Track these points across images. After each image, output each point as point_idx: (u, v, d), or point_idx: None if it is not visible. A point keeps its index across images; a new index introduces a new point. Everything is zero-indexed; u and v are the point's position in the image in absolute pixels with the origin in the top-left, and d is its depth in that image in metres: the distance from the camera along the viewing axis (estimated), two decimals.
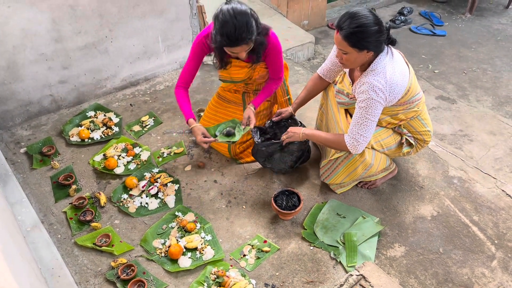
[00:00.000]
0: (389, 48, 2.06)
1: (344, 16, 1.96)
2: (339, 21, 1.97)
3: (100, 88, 3.19)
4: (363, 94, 2.02)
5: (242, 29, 2.08)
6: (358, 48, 1.96)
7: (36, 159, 2.69)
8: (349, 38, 1.94)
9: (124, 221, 2.35)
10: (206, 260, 2.14)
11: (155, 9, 3.08)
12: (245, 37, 2.10)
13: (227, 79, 2.54)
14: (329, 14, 4.43)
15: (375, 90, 1.99)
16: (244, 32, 2.09)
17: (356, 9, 1.96)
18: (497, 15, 4.43)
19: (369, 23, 1.92)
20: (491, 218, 2.35)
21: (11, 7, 2.56)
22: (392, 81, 2.01)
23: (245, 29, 2.09)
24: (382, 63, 2.01)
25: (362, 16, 1.93)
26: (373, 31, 1.93)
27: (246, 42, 2.14)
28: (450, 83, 3.47)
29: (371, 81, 1.99)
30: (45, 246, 2.11)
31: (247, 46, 2.18)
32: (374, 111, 2.04)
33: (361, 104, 2.05)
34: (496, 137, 2.91)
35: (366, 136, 2.09)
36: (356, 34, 1.93)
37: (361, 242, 2.21)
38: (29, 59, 2.78)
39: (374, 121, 2.07)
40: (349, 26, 1.93)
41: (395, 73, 2.02)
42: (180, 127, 2.95)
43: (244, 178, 2.59)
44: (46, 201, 2.45)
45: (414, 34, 4.17)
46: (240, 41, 2.12)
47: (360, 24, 1.92)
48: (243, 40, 2.11)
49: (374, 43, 1.96)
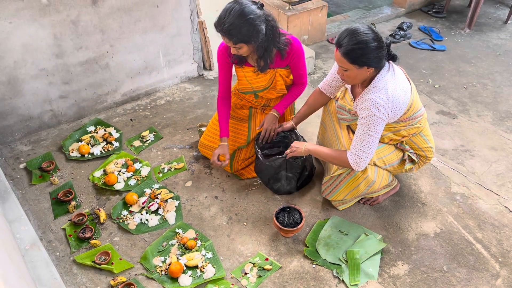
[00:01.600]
0: (390, 64, 2.06)
1: (343, 33, 1.97)
2: (338, 38, 1.98)
3: (101, 103, 3.19)
4: (365, 111, 2.02)
5: (228, 21, 2.10)
6: (358, 64, 1.96)
7: (36, 175, 2.67)
8: (348, 55, 1.94)
9: (124, 238, 2.32)
10: (207, 279, 2.11)
11: (157, 25, 3.09)
12: (226, 30, 2.12)
13: (248, 90, 2.53)
14: (329, 29, 4.45)
15: (377, 107, 1.98)
16: (228, 25, 2.10)
17: (355, 26, 1.96)
18: (496, 30, 4.46)
19: (368, 39, 1.92)
20: (495, 235, 2.33)
21: (12, 23, 2.56)
22: (394, 97, 2.00)
23: (232, 24, 2.10)
24: (384, 80, 2.01)
25: (361, 32, 1.93)
26: (373, 47, 1.93)
27: (229, 37, 2.15)
28: (450, 98, 3.47)
29: (373, 97, 1.99)
30: (44, 265, 2.08)
31: (230, 43, 2.18)
32: (377, 127, 2.03)
33: (363, 121, 2.04)
34: (498, 153, 2.90)
35: (369, 152, 2.08)
36: (356, 51, 1.93)
37: (364, 260, 2.18)
38: (30, 74, 2.78)
39: (376, 137, 2.06)
40: (348, 43, 1.93)
41: (397, 90, 2.01)
42: (181, 142, 2.93)
43: (245, 194, 2.57)
44: (45, 218, 2.43)
45: (414, 49, 4.19)
46: (221, 30, 2.14)
47: (359, 41, 1.92)
48: (224, 31, 2.13)
49: (374, 59, 1.96)
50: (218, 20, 2.14)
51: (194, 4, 3.19)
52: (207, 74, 3.60)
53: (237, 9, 2.11)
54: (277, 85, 2.47)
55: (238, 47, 2.19)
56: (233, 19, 2.09)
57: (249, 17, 2.11)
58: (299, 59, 2.40)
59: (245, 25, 2.11)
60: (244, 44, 2.18)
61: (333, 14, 4.87)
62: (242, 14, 2.11)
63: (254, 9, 2.14)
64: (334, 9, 5.05)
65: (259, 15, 2.15)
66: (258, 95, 2.57)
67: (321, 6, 4.13)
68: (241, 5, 2.12)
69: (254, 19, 2.13)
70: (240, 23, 2.10)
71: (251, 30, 2.14)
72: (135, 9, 2.94)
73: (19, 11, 2.55)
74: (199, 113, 3.19)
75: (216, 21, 2.16)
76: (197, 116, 3.16)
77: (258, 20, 2.14)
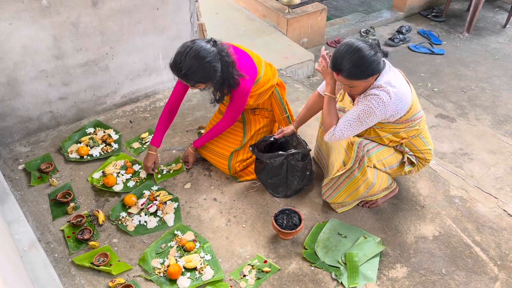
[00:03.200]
0: (387, 63, 2.08)
1: (337, 56, 1.97)
2: (334, 64, 1.99)
3: (100, 105, 3.19)
4: (366, 101, 2.03)
5: (185, 67, 2.13)
6: (364, 78, 1.99)
7: (34, 176, 2.67)
8: (352, 76, 1.97)
9: (122, 240, 2.32)
10: (205, 281, 2.11)
11: (156, 27, 3.10)
12: (183, 76, 2.16)
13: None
14: (328, 32, 4.47)
15: (378, 103, 2.00)
16: (184, 71, 2.14)
17: (347, 44, 1.97)
18: (494, 34, 4.48)
19: (364, 52, 1.94)
20: (493, 238, 2.33)
21: (12, 24, 2.56)
22: (397, 94, 2.02)
23: (189, 69, 2.13)
24: (386, 78, 2.03)
25: (355, 49, 1.94)
26: (371, 55, 1.95)
27: (186, 81, 2.19)
28: (449, 101, 3.48)
29: (379, 93, 2.01)
30: (42, 267, 2.07)
31: (190, 85, 2.23)
32: (367, 118, 2.05)
33: (359, 106, 2.06)
34: (496, 156, 2.91)
35: (344, 133, 2.10)
36: (358, 69, 1.95)
37: (362, 262, 2.18)
38: (30, 75, 2.78)
39: (361, 126, 2.08)
40: (348, 65, 1.94)
41: (399, 86, 2.04)
42: (180, 144, 2.93)
43: (244, 196, 2.57)
44: (44, 219, 2.42)
45: (413, 52, 4.20)
46: (178, 75, 2.18)
47: (358, 58, 1.94)
48: (181, 76, 2.17)
49: (375, 66, 1.98)
50: (174, 65, 2.16)
51: (194, 6, 3.19)
52: None
53: (192, 54, 2.12)
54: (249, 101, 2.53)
55: (196, 86, 2.24)
56: (189, 63, 2.12)
57: (206, 60, 2.13)
58: (238, 96, 2.41)
59: (202, 68, 2.14)
60: (202, 83, 2.23)
61: (333, 17, 4.89)
62: (198, 58, 2.12)
63: (208, 49, 2.15)
64: (334, 13, 5.07)
65: (214, 54, 2.17)
66: None
67: (321, 10, 4.15)
68: (195, 48, 2.13)
69: (210, 61, 2.15)
70: (197, 66, 2.13)
71: (208, 72, 2.17)
72: (135, 11, 2.94)
73: (19, 12, 2.55)
74: (198, 115, 3.20)
75: (172, 65, 2.17)
76: (196, 118, 3.17)
77: (214, 61, 2.16)
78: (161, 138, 2.60)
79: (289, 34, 4.10)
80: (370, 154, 2.24)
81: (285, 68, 3.68)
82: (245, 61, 2.41)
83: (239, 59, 2.35)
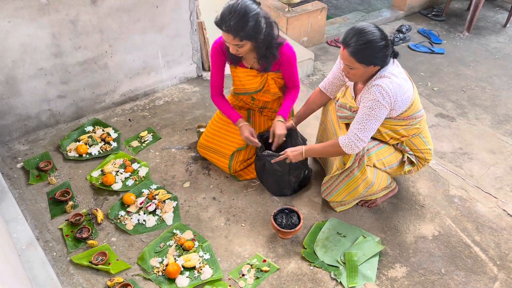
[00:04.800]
0: (393, 61, 2.07)
1: (350, 32, 1.96)
2: (345, 38, 1.97)
3: (99, 103, 3.18)
4: (370, 95, 2.02)
5: (234, 18, 2.07)
6: (365, 64, 1.97)
7: (33, 175, 2.66)
8: (356, 54, 1.95)
9: (121, 239, 2.31)
10: (204, 280, 2.11)
11: (156, 25, 3.09)
12: (232, 27, 2.09)
13: (241, 91, 2.55)
14: (328, 31, 4.45)
15: (381, 93, 1.99)
16: (234, 21, 2.07)
17: (362, 25, 1.96)
18: (495, 34, 4.46)
19: (376, 39, 1.93)
20: (493, 238, 2.32)
21: (11, 22, 2.55)
22: (400, 86, 2.01)
23: (238, 20, 2.08)
24: (389, 70, 2.03)
25: (369, 32, 1.93)
26: (380, 46, 1.94)
27: (234, 34, 2.11)
28: (449, 100, 3.47)
29: (380, 83, 2.00)
30: (40, 265, 2.06)
31: (235, 40, 2.15)
32: (378, 113, 2.03)
33: (366, 104, 2.04)
34: (496, 156, 2.90)
35: (364, 136, 2.07)
36: (364, 51, 1.93)
37: (362, 262, 2.17)
38: (28, 74, 2.77)
39: (375, 123, 2.06)
40: (356, 43, 1.93)
41: (401, 79, 2.03)
42: (179, 142, 2.93)
43: (244, 195, 2.56)
44: (42, 218, 2.42)
45: (413, 51, 4.19)
46: (227, 27, 2.10)
47: (368, 41, 1.92)
48: (230, 28, 2.09)
49: (380, 58, 1.97)
50: (222, 18, 2.11)
51: (194, 5, 3.18)
52: (206, 75, 3.60)
53: (242, 6, 2.10)
54: (270, 88, 2.47)
55: (242, 44, 2.18)
56: (239, 16, 2.08)
57: (254, 13, 2.11)
58: (290, 64, 2.39)
59: (250, 21, 2.11)
60: (249, 41, 2.18)
61: (333, 16, 4.87)
62: (247, 11, 2.10)
63: (255, 7, 2.14)
64: (334, 11, 5.05)
65: (260, 12, 2.16)
66: (254, 98, 2.57)
67: (321, 8, 4.13)
68: (244, 2, 2.12)
69: (258, 16, 2.13)
70: (246, 19, 2.10)
71: (256, 27, 2.14)
72: (134, 9, 2.93)
73: (18, 10, 2.54)
74: (198, 114, 3.19)
75: (219, 18, 2.13)
76: (196, 117, 3.16)
77: (260, 17, 2.15)
78: (236, 111, 2.54)
79: (289, 33, 4.08)
80: (370, 153, 2.23)
81: None
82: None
83: None
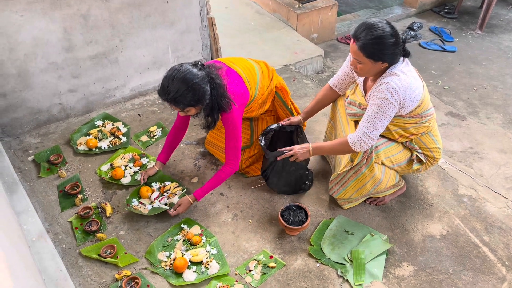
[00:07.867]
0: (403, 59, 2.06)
1: (361, 27, 1.96)
2: (356, 31, 1.97)
3: (109, 98, 3.20)
4: (379, 93, 2.01)
5: (173, 90, 2.04)
6: (373, 59, 1.96)
7: (44, 168, 2.69)
8: (365, 49, 1.94)
9: (129, 233, 2.33)
10: (211, 275, 2.12)
11: (166, 21, 3.09)
12: (171, 99, 2.07)
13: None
14: (338, 28, 4.43)
15: (390, 91, 1.98)
16: (172, 94, 2.04)
17: (374, 20, 1.95)
18: (507, 32, 4.41)
19: (387, 35, 1.92)
20: (502, 238, 2.31)
21: (24, 16, 2.58)
22: (409, 84, 2.00)
23: (177, 92, 2.04)
24: (399, 68, 2.02)
25: (379, 27, 1.92)
26: (390, 43, 1.93)
27: (175, 105, 2.10)
28: (460, 99, 3.44)
29: (389, 81, 1.99)
30: (50, 257, 2.09)
31: (178, 109, 2.13)
32: (387, 111, 2.02)
33: (375, 102, 2.03)
34: (507, 155, 2.87)
35: (373, 134, 2.07)
36: (373, 46, 1.93)
37: (369, 260, 2.17)
38: (40, 67, 2.80)
39: (384, 121, 2.05)
40: (366, 37, 1.92)
41: (411, 77, 2.02)
42: (188, 138, 2.94)
43: (251, 192, 2.56)
44: (52, 210, 2.44)
45: (424, 49, 4.15)
46: (166, 100, 2.09)
47: (377, 36, 1.91)
48: (170, 100, 2.08)
49: (390, 55, 1.96)
50: (162, 89, 2.08)
51: (204, 0, 3.18)
52: None
53: (179, 76, 2.04)
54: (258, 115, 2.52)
55: (187, 110, 2.15)
56: (177, 86, 2.03)
57: (193, 82, 2.05)
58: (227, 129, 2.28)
59: (190, 91, 2.05)
60: (192, 107, 2.13)
61: (343, 13, 4.85)
62: (186, 80, 2.04)
63: (196, 73, 2.07)
64: (344, 8, 5.02)
65: (202, 76, 2.09)
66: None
67: (331, 5, 4.11)
68: (182, 71, 2.06)
69: (198, 82, 2.06)
70: (185, 90, 2.04)
71: (197, 94, 2.07)
72: (145, 4, 2.94)
73: (31, 4, 2.56)
74: None
75: (160, 90, 2.09)
76: None
77: (202, 83, 2.08)
78: (167, 153, 2.57)
79: (299, 29, 4.07)
80: (379, 151, 2.22)
81: (294, 64, 3.66)
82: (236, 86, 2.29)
83: (229, 84, 2.25)
